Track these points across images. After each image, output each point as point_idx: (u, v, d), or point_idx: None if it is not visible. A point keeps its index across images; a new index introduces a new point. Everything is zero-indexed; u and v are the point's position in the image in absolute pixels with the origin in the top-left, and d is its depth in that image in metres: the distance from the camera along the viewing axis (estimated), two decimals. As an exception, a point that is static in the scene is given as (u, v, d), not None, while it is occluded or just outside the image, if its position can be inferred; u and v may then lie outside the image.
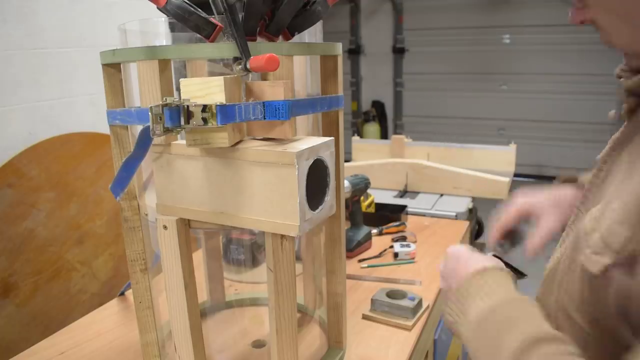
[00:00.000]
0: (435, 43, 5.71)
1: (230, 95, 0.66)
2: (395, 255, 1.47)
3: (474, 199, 2.05)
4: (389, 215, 1.74)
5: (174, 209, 0.77)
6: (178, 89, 0.68)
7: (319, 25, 0.87)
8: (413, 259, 1.47)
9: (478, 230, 2.32)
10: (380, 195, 2.07)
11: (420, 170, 2.12)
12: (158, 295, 0.96)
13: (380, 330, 1.11)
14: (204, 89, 0.65)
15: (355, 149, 2.58)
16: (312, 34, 0.88)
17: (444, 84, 5.77)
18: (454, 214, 1.87)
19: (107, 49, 0.81)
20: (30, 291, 1.52)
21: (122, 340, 1.11)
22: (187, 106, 0.64)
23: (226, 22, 0.68)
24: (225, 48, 0.70)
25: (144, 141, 0.74)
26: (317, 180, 0.74)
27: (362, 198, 1.63)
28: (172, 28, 0.85)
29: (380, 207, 1.84)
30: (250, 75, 0.70)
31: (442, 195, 2.09)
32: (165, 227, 0.76)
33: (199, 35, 0.72)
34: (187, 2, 0.70)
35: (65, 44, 1.75)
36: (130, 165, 0.79)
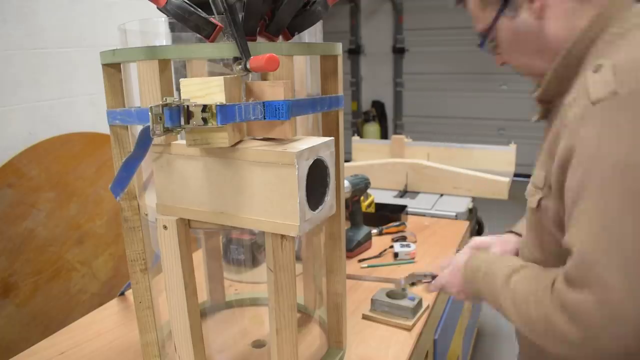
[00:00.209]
0: (435, 43, 5.70)
1: (230, 95, 0.66)
2: (395, 255, 1.47)
3: (474, 199, 2.05)
4: (389, 215, 1.74)
5: (174, 209, 0.77)
6: (178, 89, 0.68)
7: (319, 25, 0.87)
8: (413, 259, 1.47)
9: (478, 230, 2.32)
10: (380, 195, 2.07)
11: (420, 170, 2.12)
12: (158, 295, 0.96)
13: (380, 330, 1.11)
14: (204, 89, 0.65)
15: (355, 149, 2.58)
16: (312, 34, 0.88)
17: (444, 84, 5.77)
18: (454, 214, 1.87)
19: (107, 49, 0.81)
20: (30, 291, 1.52)
21: (122, 340, 1.11)
22: (187, 106, 0.64)
23: (226, 22, 0.68)
24: (225, 48, 0.70)
25: (144, 141, 0.74)
26: (317, 180, 0.74)
27: (362, 198, 1.63)
28: (172, 28, 0.85)
29: (380, 207, 1.84)
30: (250, 75, 0.70)
31: (442, 195, 2.09)
32: (165, 227, 0.76)
33: (199, 35, 0.72)
34: (187, 2, 0.70)
35: (65, 44, 1.75)
36: (130, 165, 0.79)
